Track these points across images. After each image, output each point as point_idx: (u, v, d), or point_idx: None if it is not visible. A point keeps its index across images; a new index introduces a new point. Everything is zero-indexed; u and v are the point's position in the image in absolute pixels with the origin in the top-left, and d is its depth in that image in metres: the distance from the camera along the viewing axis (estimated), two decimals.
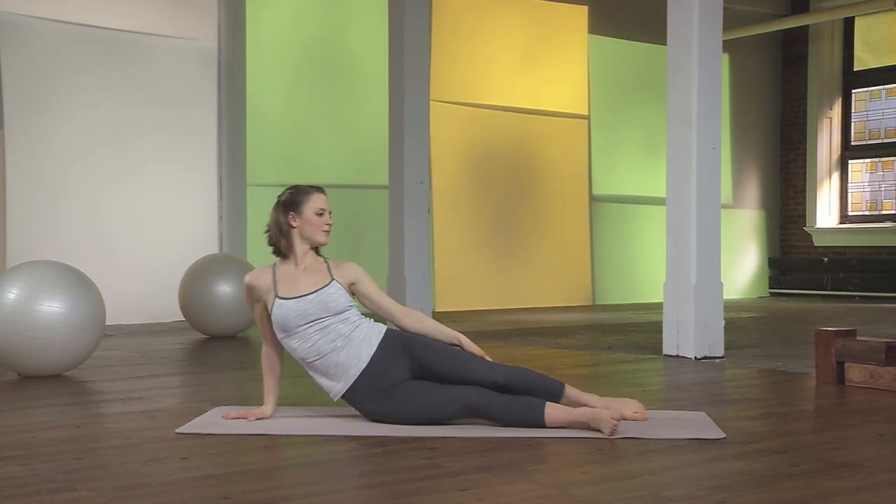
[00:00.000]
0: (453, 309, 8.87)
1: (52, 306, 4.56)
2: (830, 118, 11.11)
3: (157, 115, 7.76)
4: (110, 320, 5.58)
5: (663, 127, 5.73)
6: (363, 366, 3.27)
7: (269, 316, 3.39)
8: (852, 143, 11.10)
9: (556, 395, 3.25)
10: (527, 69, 9.82)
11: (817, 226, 11.12)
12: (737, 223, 11.11)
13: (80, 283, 4.70)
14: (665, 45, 5.55)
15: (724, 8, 5.54)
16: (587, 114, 10.19)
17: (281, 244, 3.42)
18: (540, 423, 3.14)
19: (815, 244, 11.15)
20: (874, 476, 2.62)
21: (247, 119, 8.21)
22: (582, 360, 5.38)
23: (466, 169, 9.46)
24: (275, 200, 3.48)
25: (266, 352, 3.46)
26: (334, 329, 3.32)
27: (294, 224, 3.40)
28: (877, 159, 10.91)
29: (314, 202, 3.40)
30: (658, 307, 6.22)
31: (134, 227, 7.65)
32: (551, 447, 2.98)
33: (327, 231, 3.43)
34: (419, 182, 7.00)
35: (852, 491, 2.46)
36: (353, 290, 3.44)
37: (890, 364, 4.06)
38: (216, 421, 3.38)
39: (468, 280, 9.40)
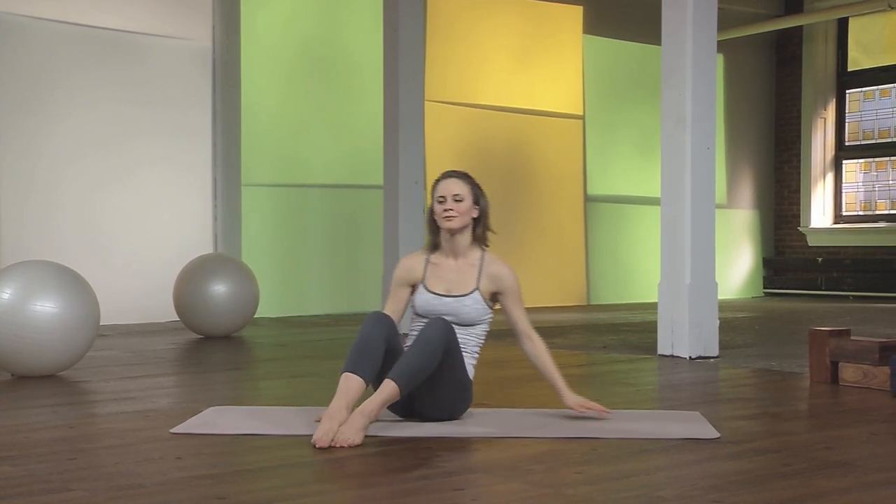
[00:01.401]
0: None
1: (46, 306, 4.55)
2: (824, 118, 11.13)
3: (152, 116, 7.75)
4: (104, 320, 5.57)
5: (658, 127, 5.73)
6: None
7: (408, 300, 3.39)
8: (846, 144, 11.12)
9: (377, 376, 3.14)
10: (521, 69, 9.82)
11: (811, 226, 11.14)
12: (731, 223, 11.13)
13: (74, 283, 4.69)
14: (660, 45, 5.56)
15: (718, 8, 5.55)
16: (582, 114, 10.20)
17: (431, 238, 3.43)
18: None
19: (810, 244, 11.17)
20: (867, 476, 2.63)
21: (241, 119, 8.20)
22: (577, 359, 5.39)
23: (461, 168, 9.44)
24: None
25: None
26: None
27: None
28: (871, 159, 10.93)
29: (436, 190, 3.38)
30: (653, 307, 6.22)
31: (128, 226, 7.65)
32: (546, 447, 2.98)
33: (447, 218, 3.33)
34: (414, 182, 7.00)
35: (845, 490, 2.47)
36: (495, 299, 3.38)
37: (883, 364, 4.07)
38: (211, 421, 3.38)
39: None
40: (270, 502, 2.39)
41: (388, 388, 3.06)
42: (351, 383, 3.06)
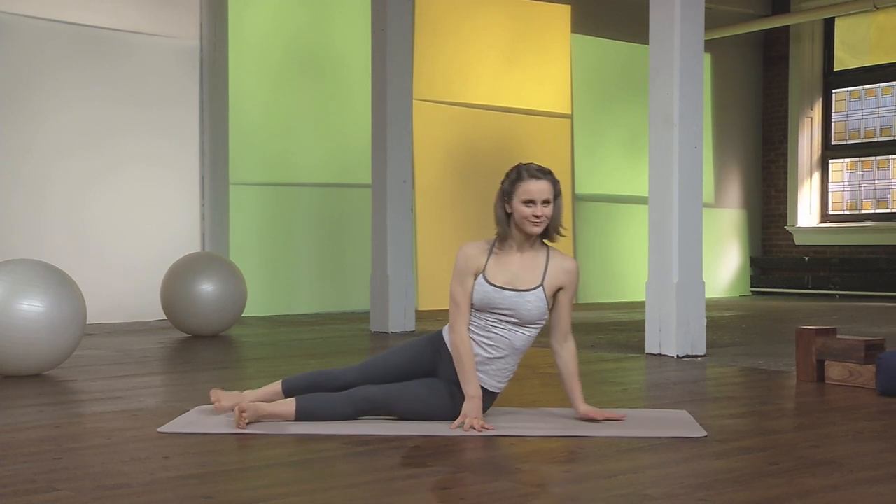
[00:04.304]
0: (436, 308, 8.87)
1: (33, 305, 4.53)
2: (811, 118, 11.17)
3: (140, 114, 7.73)
4: (91, 319, 5.55)
5: (646, 126, 5.75)
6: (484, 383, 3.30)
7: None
8: (833, 143, 11.17)
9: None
10: (510, 68, 9.83)
11: (798, 225, 11.18)
12: (718, 222, 11.16)
13: (60, 282, 4.67)
14: (648, 44, 5.57)
15: (705, 8, 5.56)
16: (570, 113, 10.21)
17: (501, 230, 3.28)
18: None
19: (796, 243, 11.21)
20: (853, 474, 2.64)
21: (229, 117, 8.18)
22: None
23: (449, 167, 9.46)
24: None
25: (462, 337, 3.24)
26: (505, 330, 3.27)
27: (509, 211, 3.25)
28: (857, 159, 10.97)
29: (523, 191, 3.20)
30: (640, 306, 6.24)
31: (116, 225, 7.62)
32: (533, 446, 2.98)
33: (536, 223, 3.22)
34: (402, 181, 7.00)
35: (831, 489, 2.48)
36: (555, 296, 3.30)
37: (869, 362, 4.09)
38: (198, 420, 3.37)
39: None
40: (257, 502, 2.38)
41: (286, 408, 3.26)
42: (275, 387, 3.45)
